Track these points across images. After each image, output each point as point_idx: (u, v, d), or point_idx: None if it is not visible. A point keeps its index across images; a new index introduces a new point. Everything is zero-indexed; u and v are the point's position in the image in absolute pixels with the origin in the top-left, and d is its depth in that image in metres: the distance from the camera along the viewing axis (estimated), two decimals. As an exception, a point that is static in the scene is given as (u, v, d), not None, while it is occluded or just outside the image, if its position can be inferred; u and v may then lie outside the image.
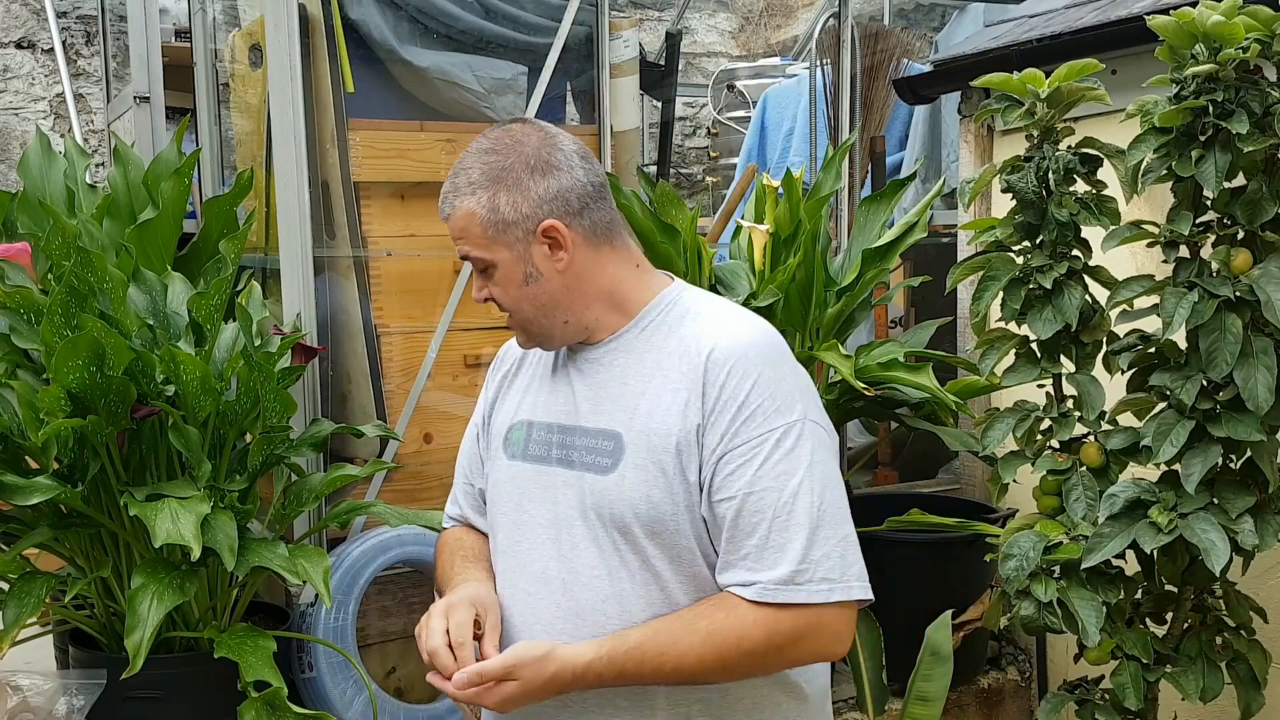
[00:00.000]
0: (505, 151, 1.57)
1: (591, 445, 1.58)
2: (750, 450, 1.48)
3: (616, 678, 1.48)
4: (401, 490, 2.92)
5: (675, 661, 1.47)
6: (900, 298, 4.06)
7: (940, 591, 2.81)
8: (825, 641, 1.49)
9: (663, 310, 1.60)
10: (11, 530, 2.36)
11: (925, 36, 5.20)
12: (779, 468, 1.48)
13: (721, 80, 5.57)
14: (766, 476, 1.47)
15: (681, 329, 1.57)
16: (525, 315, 1.61)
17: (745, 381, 1.49)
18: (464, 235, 1.58)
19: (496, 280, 1.58)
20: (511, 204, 1.55)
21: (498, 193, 1.55)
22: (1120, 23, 2.76)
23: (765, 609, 1.46)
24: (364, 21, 2.92)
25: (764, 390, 1.49)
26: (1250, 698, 2.20)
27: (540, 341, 1.64)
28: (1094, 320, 2.23)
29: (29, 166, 2.67)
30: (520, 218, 1.55)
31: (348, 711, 2.60)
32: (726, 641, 1.47)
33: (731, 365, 1.50)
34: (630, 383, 1.57)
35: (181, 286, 2.49)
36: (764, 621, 1.46)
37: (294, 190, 2.73)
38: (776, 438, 1.48)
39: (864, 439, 3.86)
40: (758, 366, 1.51)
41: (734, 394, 1.49)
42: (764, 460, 1.48)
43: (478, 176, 1.57)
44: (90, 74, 5.15)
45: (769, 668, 1.53)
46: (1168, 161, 2.07)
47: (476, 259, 1.58)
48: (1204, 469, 2.04)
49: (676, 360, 1.54)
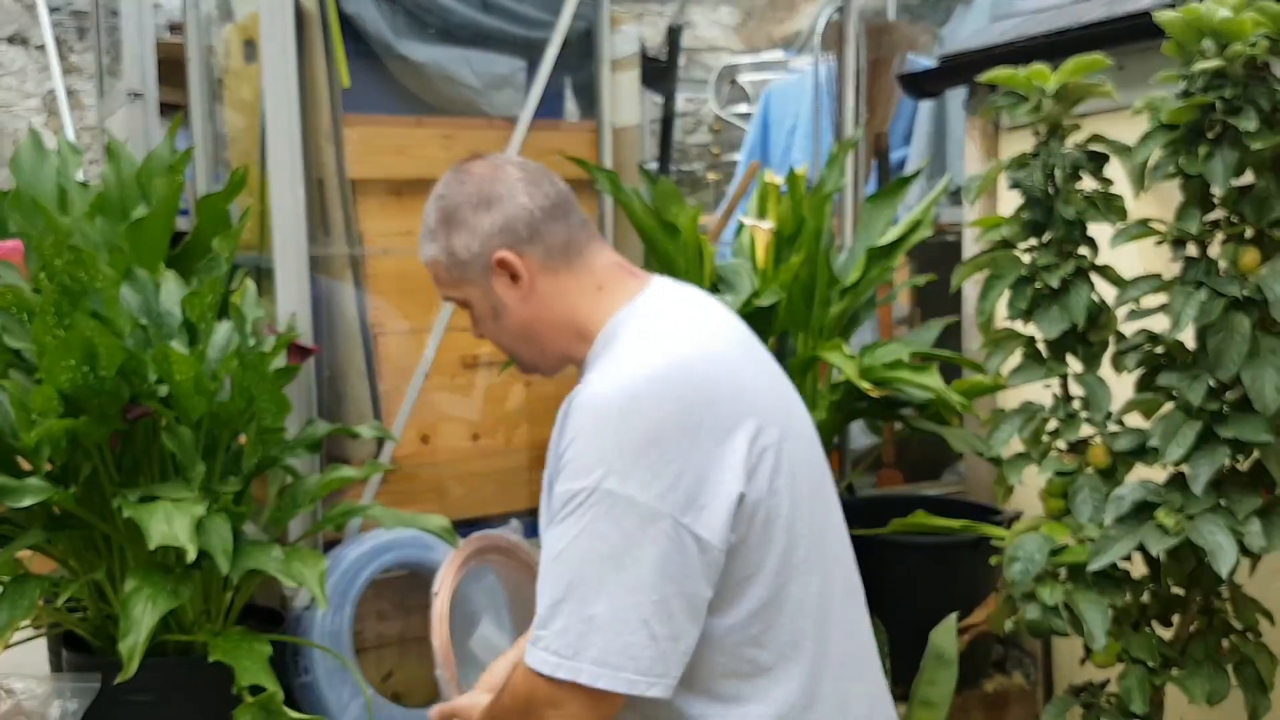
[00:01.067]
0: (452, 193, 1.61)
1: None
2: (551, 509, 1.46)
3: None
4: (398, 492, 2.90)
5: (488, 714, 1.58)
6: (905, 296, 4.03)
7: (945, 595, 2.79)
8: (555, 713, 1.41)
9: (604, 342, 1.57)
10: (4, 532, 2.34)
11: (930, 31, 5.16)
12: (555, 531, 1.43)
13: (724, 75, 5.55)
14: (547, 537, 1.45)
15: (597, 367, 1.54)
16: (507, 347, 1.66)
17: (568, 435, 1.45)
18: (436, 279, 1.65)
19: (474, 317, 1.65)
20: (464, 244, 1.59)
21: (451, 235, 1.60)
22: (1127, 18, 2.73)
23: (519, 669, 1.46)
24: (359, 15, 2.90)
25: (577, 448, 1.43)
26: (1257, 701, 2.18)
27: (533, 369, 1.68)
28: (1101, 319, 2.21)
29: (20, 164, 2.65)
30: (473, 256, 1.59)
31: (344, 716, 2.58)
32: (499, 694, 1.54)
33: (571, 419, 1.46)
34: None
35: (175, 285, 2.46)
36: (516, 677, 1.48)
37: (288, 187, 2.71)
38: (564, 500, 1.42)
39: (868, 440, 3.84)
40: (586, 421, 1.44)
41: (561, 449, 1.46)
42: (551, 521, 1.45)
43: (433, 223, 1.62)
44: (83, 70, 5.13)
45: None
46: (1175, 158, 2.04)
47: (455, 300, 1.65)
48: (1212, 470, 2.02)
49: (565, 408, 1.50)
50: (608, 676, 1.38)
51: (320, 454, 2.69)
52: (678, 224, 2.78)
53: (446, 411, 2.98)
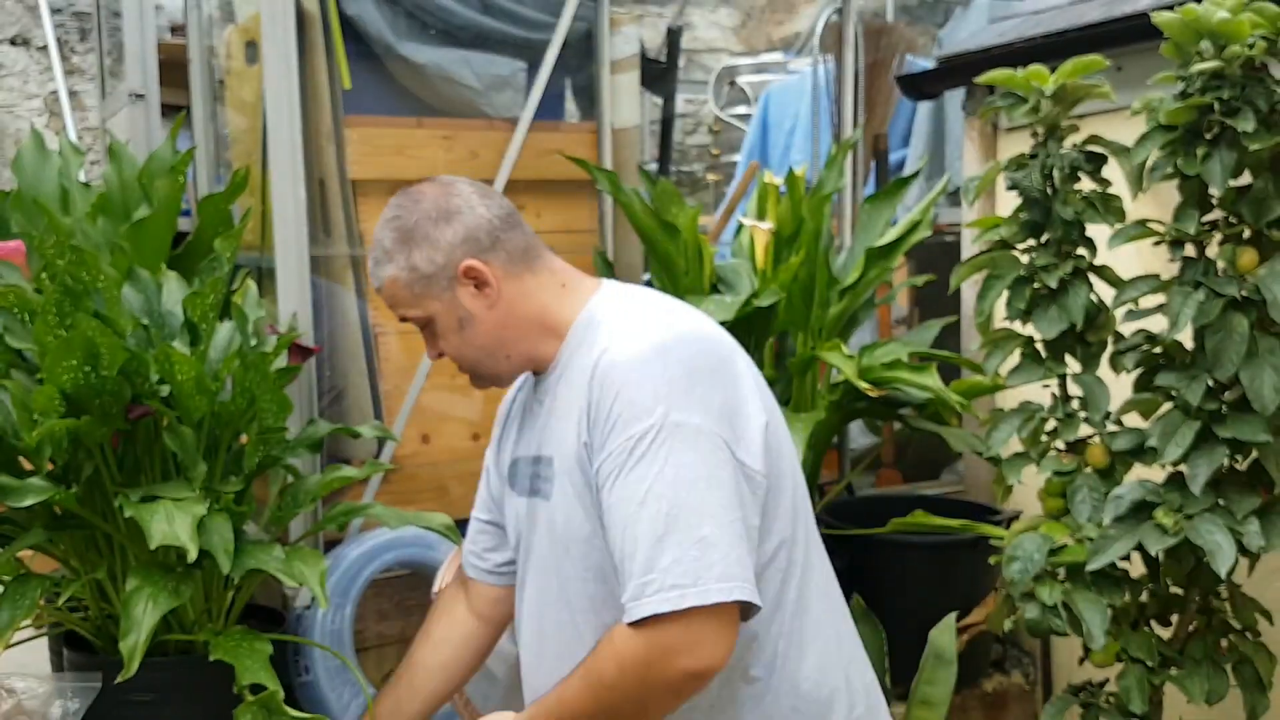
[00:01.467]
0: (406, 213, 1.63)
1: (543, 473, 1.63)
2: (613, 462, 1.46)
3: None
4: (399, 492, 2.90)
5: (569, 710, 1.48)
6: (904, 297, 4.04)
7: (944, 594, 2.79)
8: (684, 656, 1.39)
9: (583, 328, 1.63)
10: (5, 532, 2.34)
11: (929, 32, 5.17)
12: (631, 477, 1.44)
13: (723, 76, 5.55)
14: (621, 488, 1.44)
15: (597, 344, 1.57)
16: (470, 359, 1.66)
17: (609, 394, 1.48)
18: (394, 301, 1.65)
19: (439, 332, 1.64)
20: (426, 258, 1.60)
21: (411, 252, 1.61)
22: (1125, 19, 2.74)
23: (622, 632, 1.42)
24: (360, 17, 2.90)
25: (625, 398, 1.47)
26: (1256, 700, 2.19)
27: (492, 381, 1.70)
28: (1100, 320, 2.22)
29: (22, 164, 2.64)
30: (438, 268, 1.60)
31: (345, 715, 2.58)
32: (590, 680, 1.45)
33: (604, 379, 1.50)
34: (559, 407, 1.61)
35: (176, 285, 2.47)
36: (614, 651, 1.42)
37: (290, 188, 2.71)
38: (631, 446, 1.44)
39: (867, 439, 3.84)
40: (622, 375, 1.48)
41: (602, 407, 1.49)
42: (620, 471, 1.45)
43: (390, 244, 1.63)
44: (84, 71, 5.13)
45: (645, 703, 1.44)
46: (1174, 159, 2.05)
47: (415, 319, 1.65)
48: (1210, 470, 2.02)
49: (586, 378, 1.54)
50: (735, 588, 1.39)
51: (321, 454, 2.69)
52: (677, 224, 2.78)
53: (447, 411, 2.99)
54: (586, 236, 3.07)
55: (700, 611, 1.37)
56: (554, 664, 1.59)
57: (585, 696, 1.45)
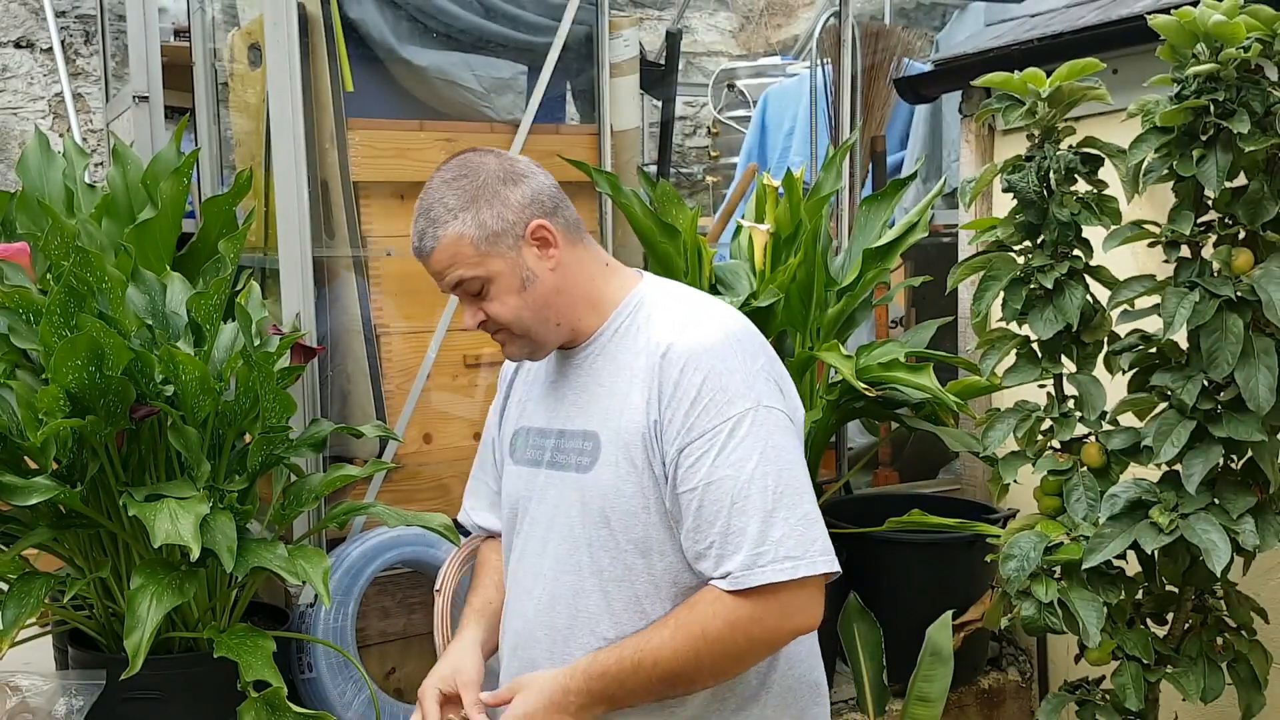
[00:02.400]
0: (472, 174, 1.64)
1: (575, 446, 1.64)
2: (706, 442, 1.52)
3: (605, 681, 1.53)
4: (401, 491, 2.92)
5: (653, 657, 1.52)
6: (901, 298, 4.06)
7: (941, 592, 2.81)
8: (793, 618, 1.52)
9: (632, 310, 1.67)
10: (11, 531, 2.35)
11: (926, 35, 5.19)
12: (734, 456, 1.51)
13: (722, 79, 5.56)
14: (723, 466, 1.51)
15: (649, 328, 1.63)
16: (525, 323, 1.65)
17: (695, 377, 1.54)
18: (454, 260, 1.62)
19: (493, 296, 1.63)
20: (496, 215, 1.61)
21: (480, 209, 1.61)
22: (1121, 22, 2.76)
23: (729, 596, 1.50)
24: (363, 20, 2.92)
25: (714, 384, 1.54)
26: (1251, 698, 2.20)
27: (534, 350, 1.69)
28: (1095, 320, 2.23)
29: (28, 166, 2.66)
30: (507, 225, 1.61)
31: (347, 712, 2.59)
32: (693, 632, 1.51)
33: (684, 363, 1.55)
34: (604, 383, 1.64)
35: (180, 286, 2.48)
36: (725, 610, 1.50)
37: (293, 190, 2.73)
38: (729, 428, 1.52)
39: (865, 439, 3.86)
40: (707, 362, 1.55)
41: (686, 390, 1.54)
42: (719, 450, 1.52)
43: (455, 202, 1.62)
44: (89, 73, 5.14)
45: (740, 657, 1.54)
46: (1169, 161, 2.06)
47: (470, 280, 1.63)
48: (1205, 469, 2.04)
49: (643, 359, 1.60)
50: (832, 560, 1.53)
51: (324, 453, 2.70)
52: (677, 226, 2.80)
53: (449, 410, 3.00)
54: (587, 238, 3.08)
55: (808, 580, 1.50)
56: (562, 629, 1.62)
57: (680, 647, 1.51)
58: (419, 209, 1.66)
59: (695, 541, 1.53)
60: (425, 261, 1.65)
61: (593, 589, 1.61)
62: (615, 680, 1.53)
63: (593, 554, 1.61)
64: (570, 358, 1.69)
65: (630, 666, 1.53)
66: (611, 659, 1.54)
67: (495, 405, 1.88)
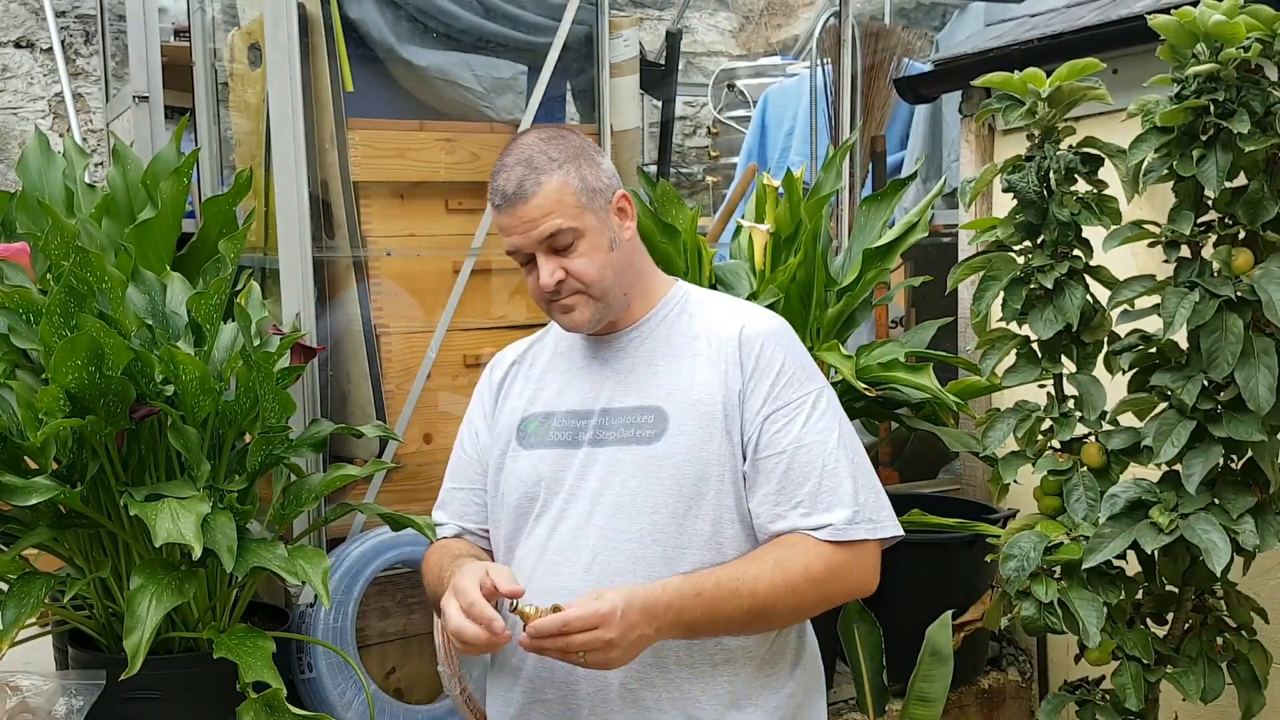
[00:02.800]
0: (568, 137, 1.73)
1: (630, 421, 1.69)
2: (793, 410, 1.66)
3: (698, 603, 1.56)
4: (401, 491, 2.92)
5: (750, 586, 1.58)
6: (901, 298, 4.06)
7: (941, 592, 2.81)
8: (866, 575, 1.67)
9: (679, 302, 1.78)
10: (11, 531, 2.35)
11: (926, 35, 5.19)
12: (819, 425, 1.66)
13: (722, 79, 5.56)
14: (811, 433, 1.65)
15: (703, 316, 1.75)
16: (607, 284, 1.71)
17: (779, 353, 1.69)
18: (556, 208, 1.67)
19: (582, 251, 1.68)
20: (594, 175, 1.70)
21: (580, 166, 1.69)
22: (1121, 22, 2.76)
23: (829, 545, 1.62)
24: (363, 20, 2.92)
25: (794, 361, 1.70)
26: (1251, 698, 2.20)
27: (600, 318, 1.73)
28: (1095, 320, 2.23)
29: (28, 166, 2.66)
30: (603, 186, 1.71)
31: (347, 712, 2.60)
32: (794, 569, 1.60)
33: (764, 340, 1.69)
34: (659, 364, 1.72)
35: (180, 286, 2.48)
36: (825, 554, 1.62)
37: (293, 190, 2.73)
38: (812, 400, 1.68)
39: (865, 439, 3.85)
40: (785, 340, 1.72)
41: (770, 363, 1.68)
42: (806, 419, 1.66)
43: (557, 155, 1.69)
44: (89, 73, 5.14)
45: (827, 598, 1.66)
46: (1169, 161, 2.06)
47: (564, 230, 1.67)
48: (1205, 469, 2.04)
49: (704, 342, 1.71)
50: (894, 525, 1.70)
51: (324, 453, 2.70)
52: (677, 225, 2.80)
53: (449, 410, 3.00)
54: (586, 238, 3.08)
55: (881, 543, 1.68)
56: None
57: (779, 582, 1.60)
58: (511, 160, 1.69)
59: (780, 501, 1.64)
60: (519, 208, 1.67)
61: (655, 556, 1.63)
62: (708, 603, 1.57)
63: (657, 521, 1.64)
64: (610, 341, 1.76)
65: (727, 592, 1.57)
66: (708, 582, 1.58)
67: (478, 414, 1.87)
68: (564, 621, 1.47)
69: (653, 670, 1.63)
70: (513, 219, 1.68)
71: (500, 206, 1.69)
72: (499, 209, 1.69)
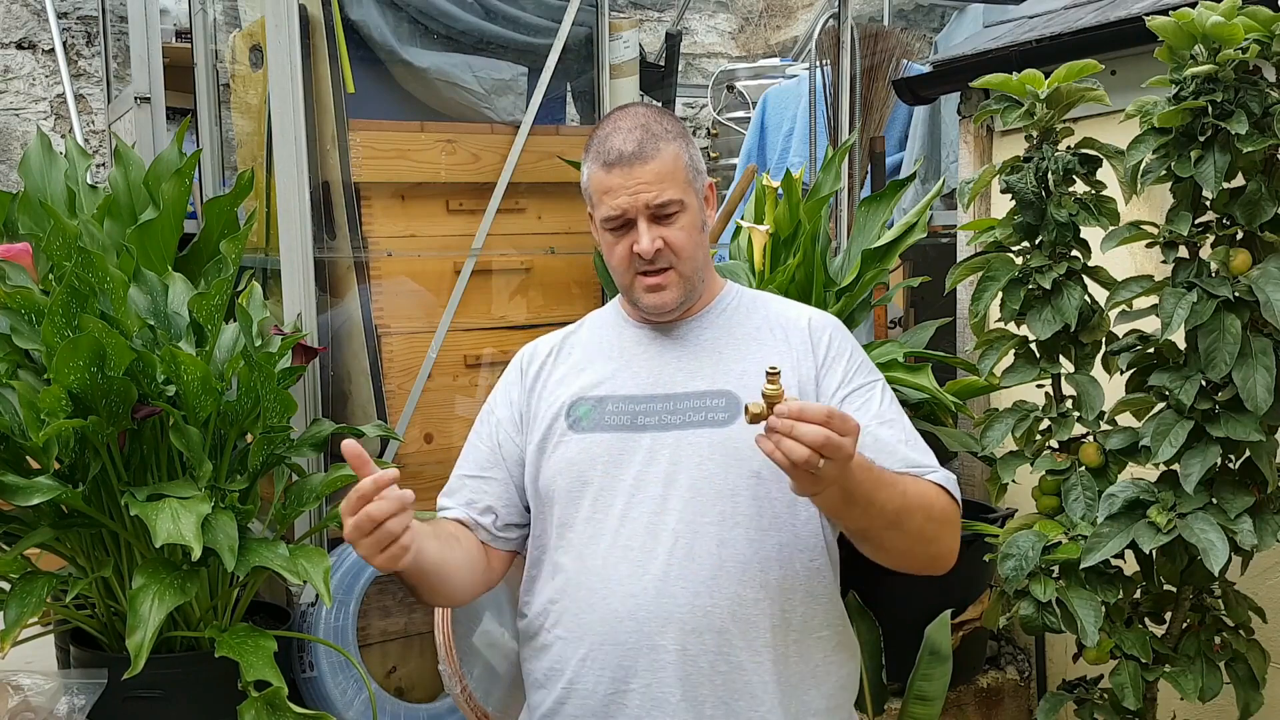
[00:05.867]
0: (673, 116, 1.79)
1: (698, 405, 1.71)
2: (867, 391, 1.76)
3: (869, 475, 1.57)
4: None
5: (904, 486, 1.65)
6: (899, 298, 4.06)
7: (939, 591, 2.80)
8: (955, 543, 1.75)
9: (736, 296, 1.86)
10: (12, 530, 2.35)
11: (925, 37, 5.20)
12: (893, 407, 1.77)
13: (721, 81, 5.57)
14: (889, 412, 1.76)
15: (762, 310, 1.83)
16: (696, 263, 1.76)
17: (847, 342, 1.81)
18: (669, 177, 1.70)
19: (682, 225, 1.72)
20: (698, 156, 1.78)
21: (689, 144, 1.76)
22: (1119, 23, 2.76)
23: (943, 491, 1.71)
24: (364, 22, 2.92)
25: (859, 352, 1.82)
26: (1249, 697, 2.20)
27: (686, 297, 1.77)
28: (1093, 320, 2.24)
29: (30, 167, 2.66)
30: (702, 171, 1.78)
31: (348, 711, 2.60)
32: (927, 494, 1.68)
33: (831, 330, 1.80)
34: (725, 351, 1.76)
35: (182, 287, 2.49)
36: (946, 498, 1.71)
37: (294, 191, 2.74)
38: (881, 385, 1.79)
39: (864, 439, 3.85)
40: (847, 333, 1.83)
41: (841, 350, 1.78)
42: (880, 400, 1.76)
43: (671, 128, 1.74)
44: (91, 74, 5.15)
45: (939, 537, 1.71)
46: (1167, 162, 2.07)
47: (670, 201, 1.70)
48: (1203, 469, 2.04)
49: (768, 333, 1.79)
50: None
51: (325, 452, 2.71)
52: (677, 227, 2.80)
53: (449, 410, 3.01)
54: (587, 239, 3.08)
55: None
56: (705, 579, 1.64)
57: (924, 494, 1.67)
58: (628, 124, 1.72)
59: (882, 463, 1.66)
60: (635, 169, 1.68)
61: (739, 538, 1.66)
62: (874, 478, 1.58)
63: (738, 503, 1.66)
64: (670, 330, 1.81)
65: (888, 481, 1.61)
66: (876, 465, 1.60)
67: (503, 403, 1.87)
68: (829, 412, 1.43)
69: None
70: (627, 179, 1.68)
71: (613, 164, 1.69)
72: (611, 166, 1.69)
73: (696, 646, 1.63)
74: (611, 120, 1.73)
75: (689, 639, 1.63)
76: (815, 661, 1.70)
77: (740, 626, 1.64)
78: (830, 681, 1.72)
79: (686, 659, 1.63)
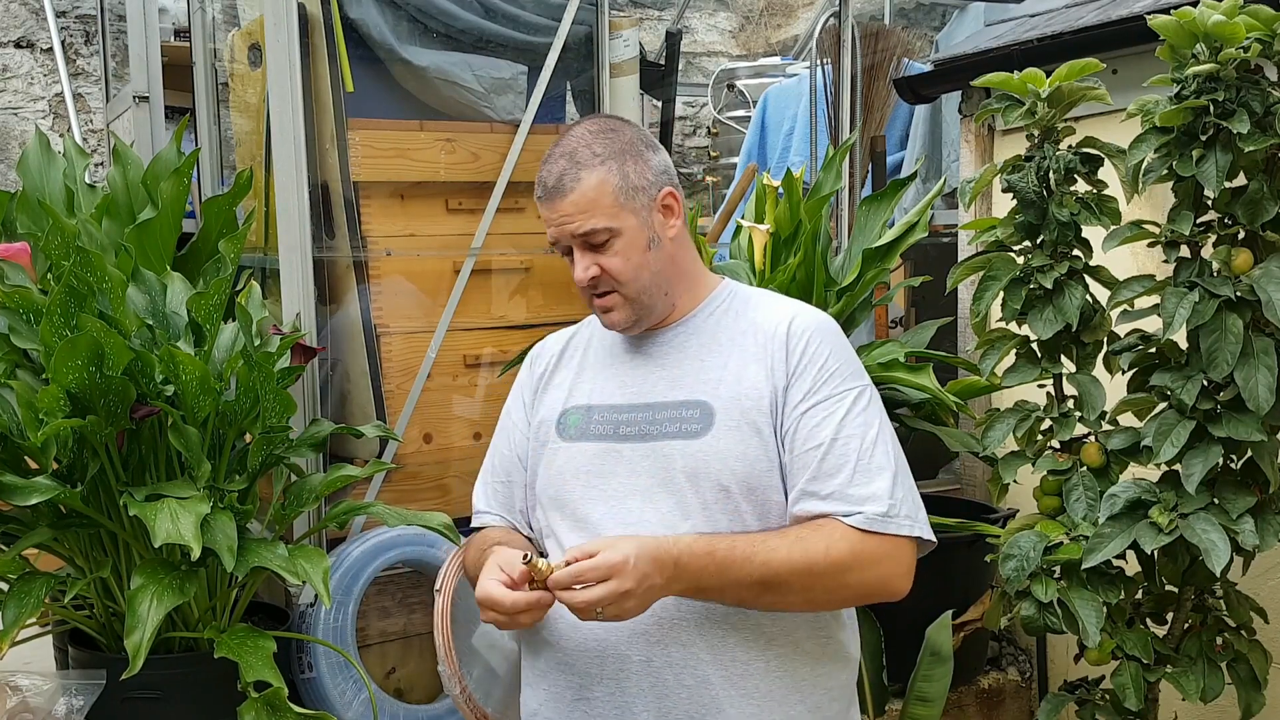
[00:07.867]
0: (617, 131, 1.72)
1: (675, 416, 1.69)
2: (833, 404, 1.65)
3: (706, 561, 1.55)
4: (401, 490, 2.92)
5: (765, 556, 1.57)
6: (900, 298, 4.06)
7: (941, 592, 2.81)
8: (896, 572, 1.62)
9: (727, 298, 1.78)
10: (11, 530, 2.35)
11: (926, 36, 5.20)
12: (859, 419, 1.65)
13: (722, 80, 5.57)
14: (850, 425, 1.64)
15: (751, 312, 1.75)
16: (642, 284, 1.71)
17: (824, 348, 1.69)
18: (592, 206, 1.67)
19: (617, 251, 1.68)
20: (638, 172, 1.69)
21: (625, 162, 1.68)
22: (1121, 22, 2.76)
23: (858, 532, 1.59)
24: (363, 21, 2.92)
25: (839, 356, 1.70)
26: (1251, 698, 2.20)
27: (637, 318, 1.73)
28: (1094, 320, 2.23)
29: (28, 166, 2.66)
30: (646, 184, 1.70)
31: (347, 712, 2.60)
32: (815, 548, 1.58)
33: (810, 334, 1.70)
34: (707, 359, 1.71)
35: (181, 286, 2.48)
36: (852, 540, 1.59)
37: (293, 190, 2.73)
38: (854, 396, 1.67)
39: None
40: (832, 337, 1.72)
41: (814, 358, 1.67)
42: (846, 413, 1.65)
43: (601, 150, 1.68)
44: (89, 73, 5.15)
45: (845, 586, 1.62)
46: (1168, 161, 2.07)
47: (599, 230, 1.67)
48: (1204, 469, 2.04)
49: (750, 338, 1.71)
50: (926, 529, 1.66)
51: (324, 453, 2.71)
52: (677, 226, 2.79)
53: (449, 410, 3.01)
54: (586, 238, 3.09)
55: (916, 544, 1.64)
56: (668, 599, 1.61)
57: (795, 557, 1.57)
58: (558, 153, 1.70)
59: (815, 490, 1.61)
60: (557, 203, 1.68)
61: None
62: (718, 564, 1.55)
63: (708, 516, 1.64)
64: (654, 337, 1.76)
65: (739, 558, 1.56)
66: (721, 545, 1.57)
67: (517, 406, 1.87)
68: (577, 573, 1.46)
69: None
70: (551, 212, 1.69)
71: (541, 198, 1.70)
72: (539, 200, 1.71)
73: (661, 659, 1.64)
74: (551, 147, 1.73)
75: (654, 651, 1.64)
76: (800, 675, 1.67)
77: (707, 641, 1.63)
78: (817, 693, 1.70)
79: (651, 671, 1.64)
